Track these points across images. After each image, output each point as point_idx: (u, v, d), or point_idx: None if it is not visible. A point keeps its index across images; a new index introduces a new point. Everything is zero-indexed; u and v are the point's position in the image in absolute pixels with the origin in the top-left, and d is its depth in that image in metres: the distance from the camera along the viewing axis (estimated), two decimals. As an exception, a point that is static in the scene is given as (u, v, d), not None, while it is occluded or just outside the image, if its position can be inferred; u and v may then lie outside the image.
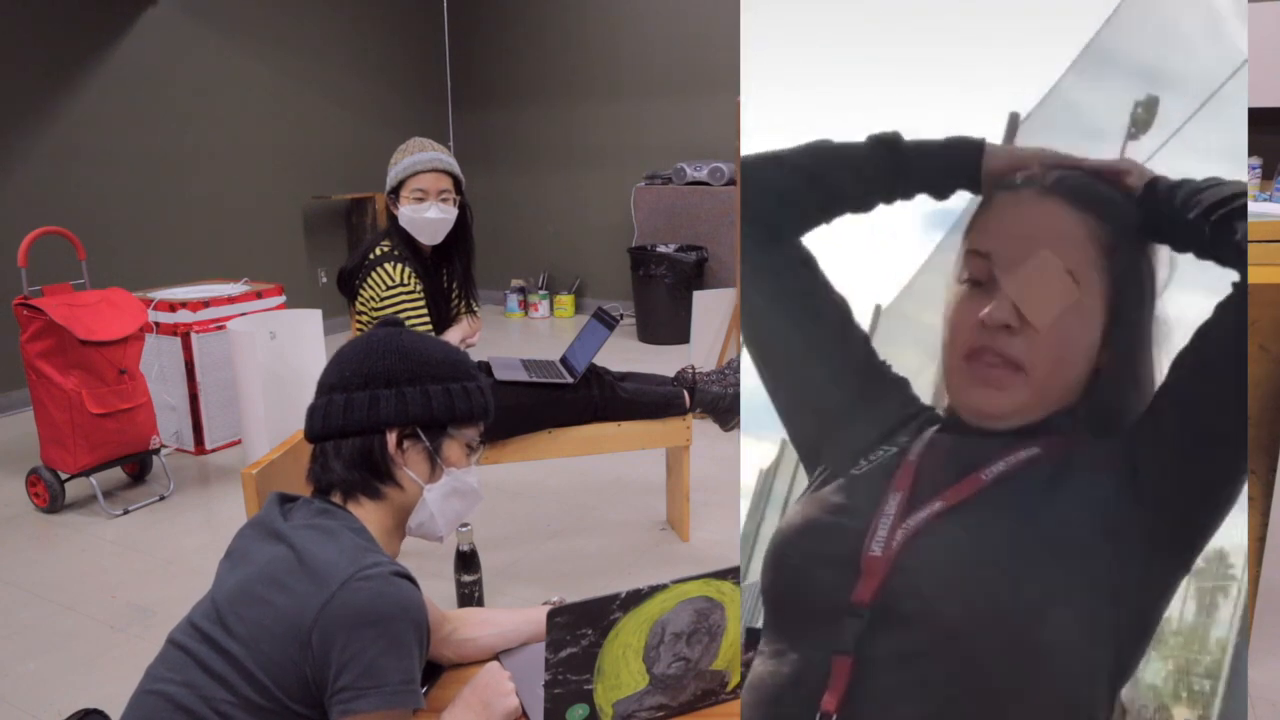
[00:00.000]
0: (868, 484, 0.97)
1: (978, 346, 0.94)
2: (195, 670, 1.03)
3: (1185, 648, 1.03)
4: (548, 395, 2.51)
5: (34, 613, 2.44)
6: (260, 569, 1.06)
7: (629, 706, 1.13)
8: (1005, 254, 0.93)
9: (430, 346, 1.21)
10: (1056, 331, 0.92)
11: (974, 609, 0.85)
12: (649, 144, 5.99)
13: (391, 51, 6.16)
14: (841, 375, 1.04)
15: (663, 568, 2.63)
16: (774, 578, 0.95)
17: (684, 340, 5.28)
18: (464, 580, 1.73)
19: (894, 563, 0.89)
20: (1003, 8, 1.16)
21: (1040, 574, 0.86)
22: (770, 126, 1.06)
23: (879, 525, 0.92)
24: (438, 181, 2.36)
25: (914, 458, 0.97)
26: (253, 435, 3.38)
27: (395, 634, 1.01)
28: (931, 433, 0.99)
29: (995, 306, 0.92)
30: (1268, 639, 2.14)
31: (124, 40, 4.60)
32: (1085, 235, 0.93)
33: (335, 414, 1.16)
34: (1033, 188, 0.96)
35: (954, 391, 0.97)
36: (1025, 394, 0.93)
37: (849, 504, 0.96)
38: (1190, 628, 1.04)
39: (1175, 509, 0.88)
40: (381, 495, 1.17)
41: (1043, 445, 0.93)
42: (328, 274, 5.80)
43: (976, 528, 0.89)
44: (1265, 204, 2.88)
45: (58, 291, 3.07)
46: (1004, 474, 0.92)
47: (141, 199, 4.76)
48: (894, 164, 1.02)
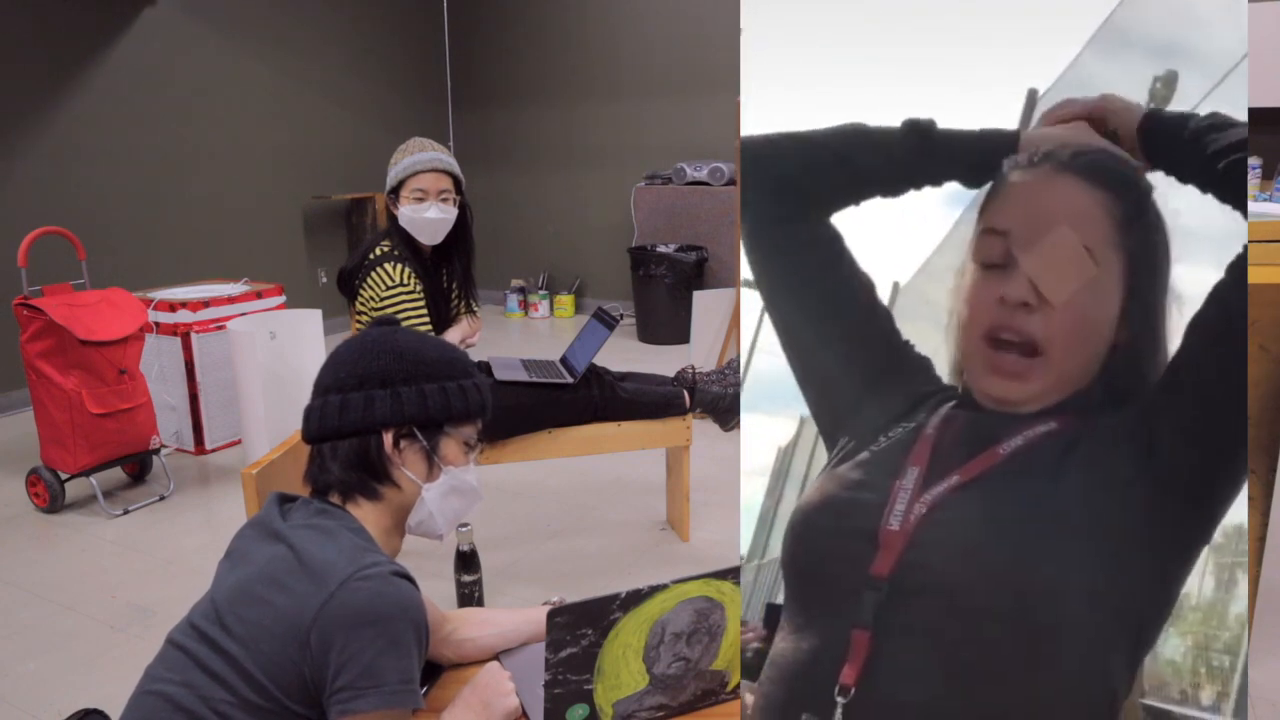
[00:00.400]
0: (886, 459, 0.97)
1: (996, 325, 0.94)
2: (194, 670, 1.03)
3: (1204, 623, 1.03)
4: (548, 395, 2.51)
5: (34, 613, 2.44)
6: (259, 569, 1.06)
7: (629, 706, 1.13)
8: (1022, 232, 0.93)
9: (426, 345, 1.20)
10: (1074, 309, 0.92)
11: (990, 582, 0.85)
12: (649, 144, 5.99)
13: (391, 51, 6.16)
14: (866, 352, 1.06)
15: (663, 568, 2.63)
16: (795, 552, 0.96)
17: (684, 340, 5.28)
18: (464, 580, 1.73)
19: (911, 537, 0.89)
20: (1003, 8, 1.16)
21: (1056, 548, 0.86)
22: (770, 127, 1.06)
23: (897, 499, 0.92)
24: (438, 181, 2.36)
25: (931, 432, 0.97)
26: (253, 435, 3.38)
27: (394, 634, 1.01)
28: (948, 408, 1.00)
29: (1013, 284, 0.93)
30: (1268, 639, 2.14)
31: (123, 40, 4.60)
32: (1102, 212, 0.93)
33: (331, 415, 1.15)
34: (1047, 165, 0.96)
35: (972, 376, 0.98)
36: (1043, 381, 0.93)
37: (867, 479, 0.96)
38: (1209, 603, 1.04)
39: (1194, 480, 0.88)
40: (379, 496, 1.16)
41: (1059, 421, 0.94)
42: (328, 274, 5.80)
43: (993, 502, 0.90)
44: (1265, 204, 2.88)
45: (58, 291, 3.07)
46: (1020, 449, 0.92)
47: (141, 199, 4.76)
48: (926, 151, 1.02)
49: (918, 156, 1.03)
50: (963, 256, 1.01)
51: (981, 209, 1.00)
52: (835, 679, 0.88)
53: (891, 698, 0.86)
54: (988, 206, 0.99)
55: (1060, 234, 0.92)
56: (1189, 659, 1.02)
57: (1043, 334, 0.92)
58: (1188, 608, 1.04)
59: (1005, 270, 0.95)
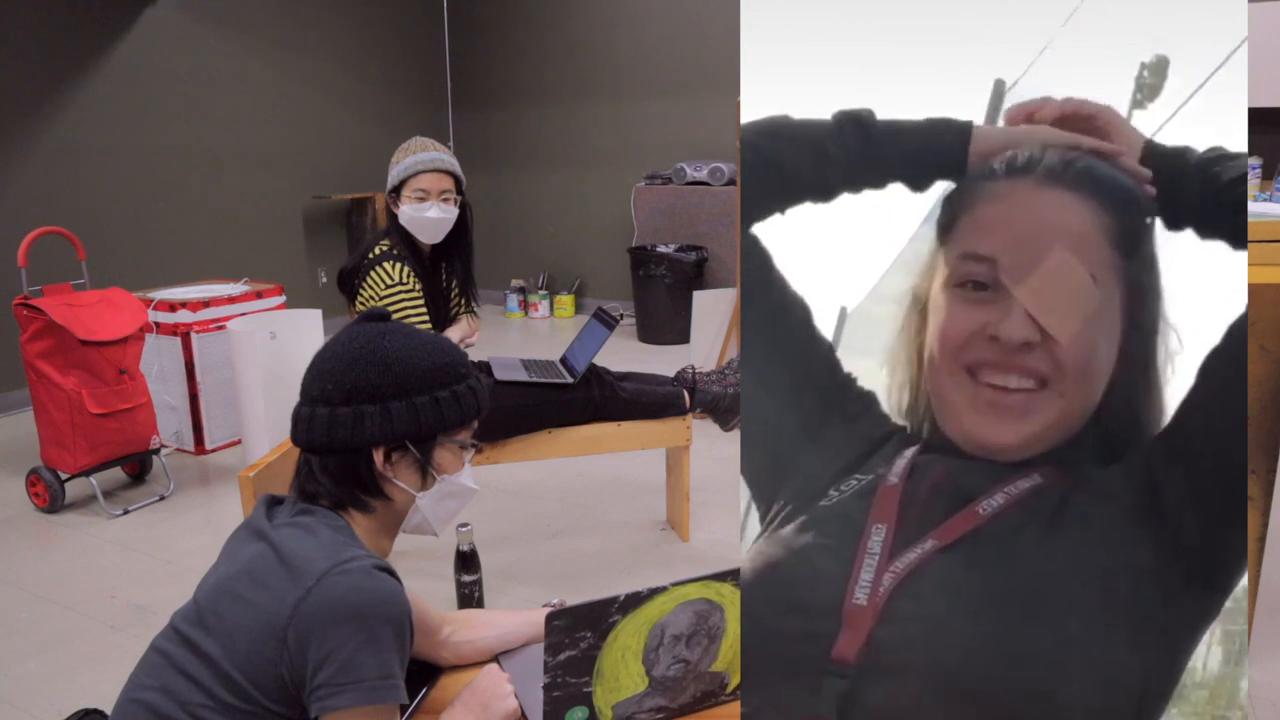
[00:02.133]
0: (843, 517, 0.85)
1: (985, 362, 0.82)
2: (172, 674, 1.02)
3: (1211, 703, 0.93)
4: (548, 395, 2.50)
5: (34, 613, 2.44)
6: (240, 567, 1.05)
7: (628, 709, 1.13)
8: (1012, 259, 0.81)
9: (416, 352, 1.14)
10: (1081, 343, 0.80)
11: (979, 659, 0.75)
12: (649, 144, 5.99)
13: (391, 51, 6.16)
14: (801, 390, 0.92)
15: (663, 568, 2.63)
16: (745, 630, 0.83)
17: (684, 340, 5.28)
18: (464, 580, 1.73)
19: (881, 612, 0.77)
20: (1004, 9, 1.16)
21: (1051, 622, 0.75)
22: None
23: (861, 568, 0.80)
24: (439, 182, 2.36)
25: (896, 482, 0.85)
26: (253, 435, 3.38)
27: (372, 628, 0.98)
28: (912, 455, 0.87)
29: (1010, 322, 0.80)
30: (1268, 639, 2.13)
31: (124, 40, 4.60)
32: (1100, 231, 0.81)
33: (319, 429, 1.11)
34: (1031, 176, 0.83)
35: (948, 417, 0.85)
36: (1047, 417, 0.81)
37: (823, 543, 0.83)
38: (1216, 679, 0.94)
39: (1201, 539, 0.78)
40: (370, 508, 1.13)
41: (1044, 474, 0.83)
42: (328, 274, 5.79)
43: (978, 569, 0.78)
44: (1265, 204, 2.87)
45: (58, 291, 3.06)
46: (1003, 507, 0.81)
47: (141, 199, 4.75)
48: (864, 148, 0.89)
49: (854, 155, 0.89)
50: (912, 281, 0.88)
51: (949, 228, 0.87)
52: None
53: None
54: (961, 226, 0.86)
55: (1059, 260, 0.79)
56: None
57: (1050, 368, 0.81)
58: (1192, 684, 0.95)
59: (991, 298, 0.82)
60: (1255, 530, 1.95)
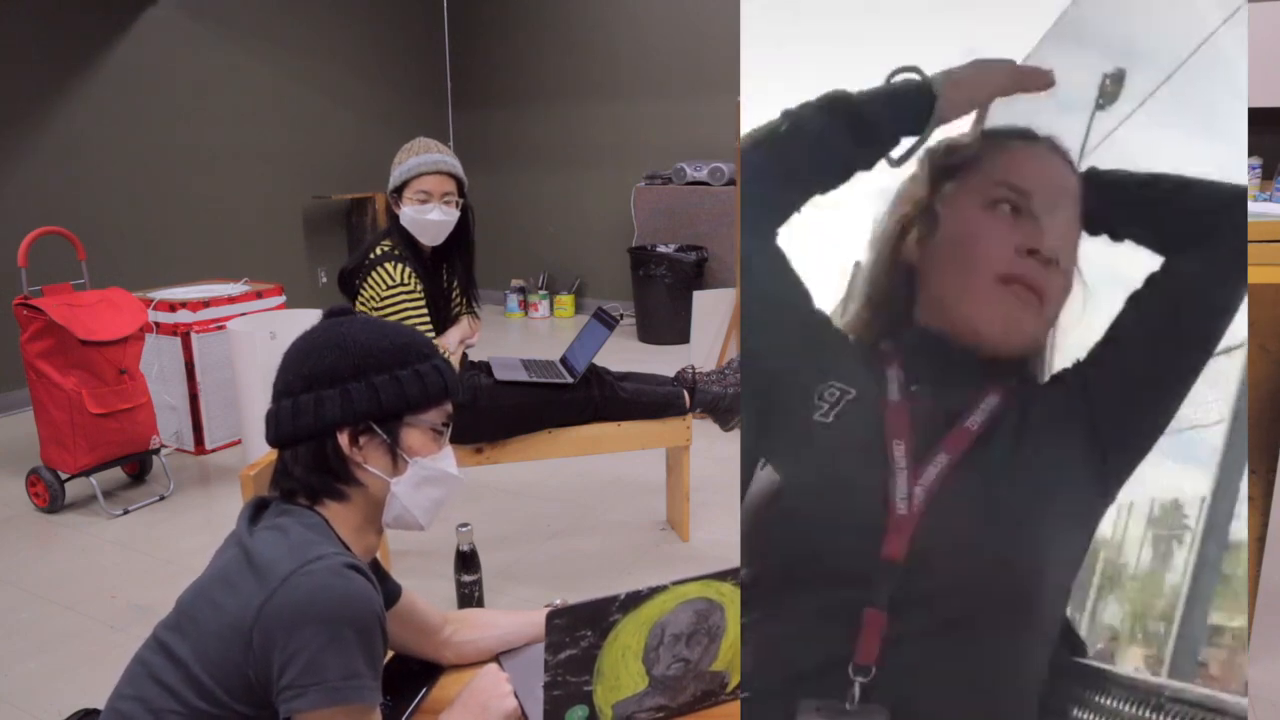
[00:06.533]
0: (849, 433, 0.98)
1: (1012, 274, 0.98)
2: (148, 683, 1.02)
3: (1141, 592, 1.10)
4: (548, 395, 2.51)
5: (34, 613, 2.45)
6: (216, 572, 1.06)
7: (628, 708, 1.13)
8: (1045, 195, 1.00)
9: (373, 334, 1.13)
10: (1068, 276, 1.01)
11: (984, 563, 0.91)
12: (649, 144, 5.99)
13: (391, 51, 6.16)
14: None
15: (663, 568, 2.63)
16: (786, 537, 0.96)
17: (684, 340, 5.28)
18: (464, 580, 1.73)
19: (919, 520, 0.92)
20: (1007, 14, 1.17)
21: (1035, 524, 0.93)
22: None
23: (896, 479, 0.94)
24: (441, 184, 2.36)
25: (900, 400, 0.99)
26: (253, 435, 3.38)
27: (335, 628, 0.97)
28: (896, 372, 1.01)
29: (1046, 238, 0.99)
30: (1268, 639, 2.13)
31: (124, 40, 4.60)
32: (1077, 191, 1.02)
33: (285, 420, 1.11)
34: (1040, 143, 1.03)
35: (977, 310, 0.99)
36: (1040, 327, 1.00)
37: (848, 454, 0.97)
38: (1146, 573, 1.11)
39: (1120, 443, 0.97)
40: (345, 496, 1.12)
41: (999, 392, 0.99)
42: (328, 274, 5.80)
43: (981, 485, 0.94)
44: (1265, 204, 2.88)
45: (58, 291, 3.07)
46: (985, 425, 0.97)
47: (141, 199, 4.76)
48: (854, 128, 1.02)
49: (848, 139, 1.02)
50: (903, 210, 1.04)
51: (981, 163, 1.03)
52: (846, 660, 0.90)
53: (913, 672, 0.90)
54: (995, 161, 1.02)
55: (1072, 209, 1.01)
56: (1126, 624, 1.09)
57: (1049, 290, 0.99)
58: (1126, 576, 1.11)
59: (1019, 223, 0.99)
60: (1255, 530, 1.95)
